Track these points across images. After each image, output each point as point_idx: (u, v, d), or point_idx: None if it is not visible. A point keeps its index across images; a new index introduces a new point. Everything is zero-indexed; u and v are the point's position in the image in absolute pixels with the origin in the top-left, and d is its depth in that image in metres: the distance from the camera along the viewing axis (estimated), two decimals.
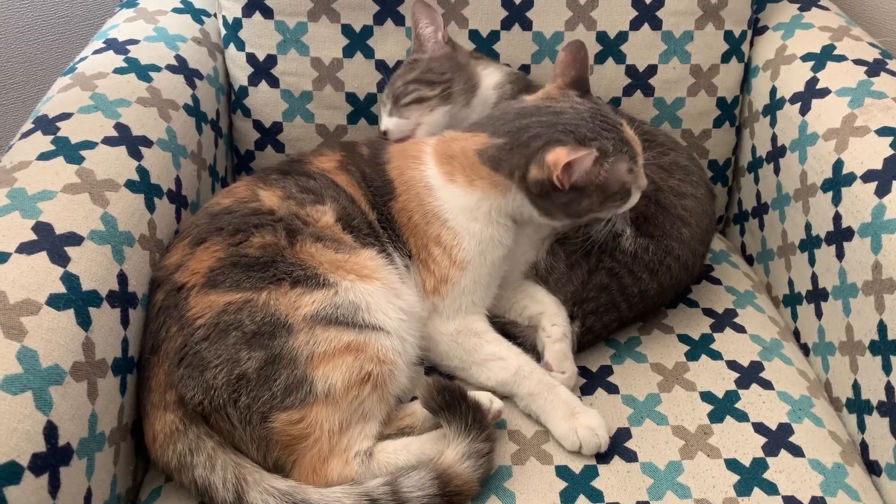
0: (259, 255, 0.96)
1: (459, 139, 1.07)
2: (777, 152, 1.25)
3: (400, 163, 1.09)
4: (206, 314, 0.92)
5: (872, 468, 1.00)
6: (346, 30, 1.30)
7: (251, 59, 1.32)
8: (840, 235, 1.07)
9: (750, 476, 0.95)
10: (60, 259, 0.86)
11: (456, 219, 1.04)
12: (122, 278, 0.93)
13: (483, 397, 0.97)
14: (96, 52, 1.19)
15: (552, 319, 1.07)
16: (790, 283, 1.21)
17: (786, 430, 1.00)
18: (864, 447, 1.02)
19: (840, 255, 1.07)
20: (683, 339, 1.14)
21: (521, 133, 1.01)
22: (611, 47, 1.32)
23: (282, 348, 0.90)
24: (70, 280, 0.85)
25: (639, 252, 1.09)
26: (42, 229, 0.88)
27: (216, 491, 0.88)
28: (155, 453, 0.92)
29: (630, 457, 0.97)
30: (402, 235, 1.06)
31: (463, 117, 1.21)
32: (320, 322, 0.92)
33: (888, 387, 0.96)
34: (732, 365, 1.09)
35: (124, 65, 1.16)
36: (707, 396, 1.05)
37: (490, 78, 1.24)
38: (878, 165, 1.03)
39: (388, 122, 1.22)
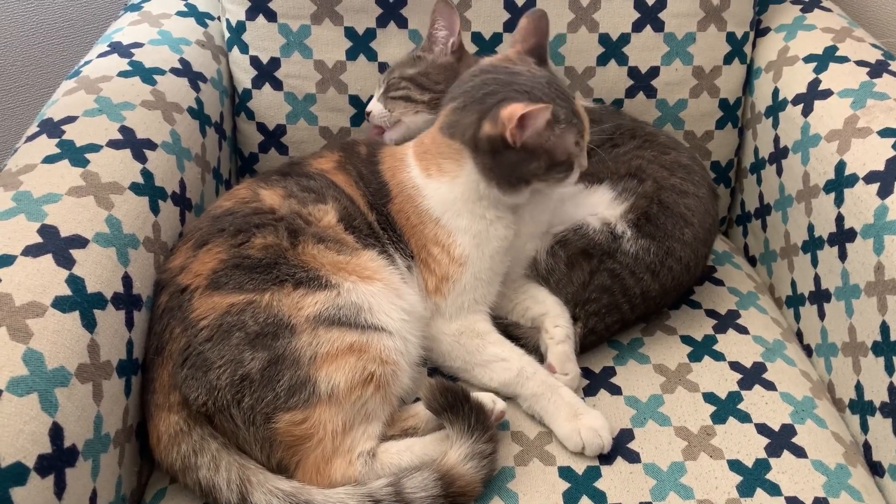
0: (261, 257, 0.96)
1: (430, 131, 1.08)
2: (779, 153, 1.25)
3: (391, 164, 1.10)
4: (209, 315, 0.92)
5: (875, 469, 1.00)
6: (350, 32, 1.31)
7: (255, 61, 1.33)
8: (842, 236, 1.07)
9: (753, 477, 0.95)
10: (66, 261, 0.87)
11: (444, 215, 1.04)
12: (127, 280, 0.94)
13: (486, 398, 0.98)
14: (101, 55, 1.20)
15: (555, 321, 1.08)
16: (793, 284, 1.21)
17: (789, 431, 1.00)
18: (867, 448, 1.02)
19: (843, 256, 1.07)
20: (686, 340, 1.14)
21: (475, 90, 1.01)
22: (613, 49, 1.32)
23: (285, 349, 0.90)
24: (75, 282, 0.86)
25: (640, 253, 1.09)
26: (47, 232, 0.88)
27: (220, 492, 0.88)
28: (159, 455, 0.93)
29: (633, 458, 0.97)
30: (402, 236, 1.07)
31: None
32: (323, 323, 0.92)
33: (891, 388, 0.96)
34: (735, 366, 1.10)
35: (129, 68, 1.17)
36: (710, 397, 1.05)
37: None
38: (881, 167, 1.03)
39: (374, 105, 1.24)
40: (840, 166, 1.09)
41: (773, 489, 0.94)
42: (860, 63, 1.20)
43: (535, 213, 1.08)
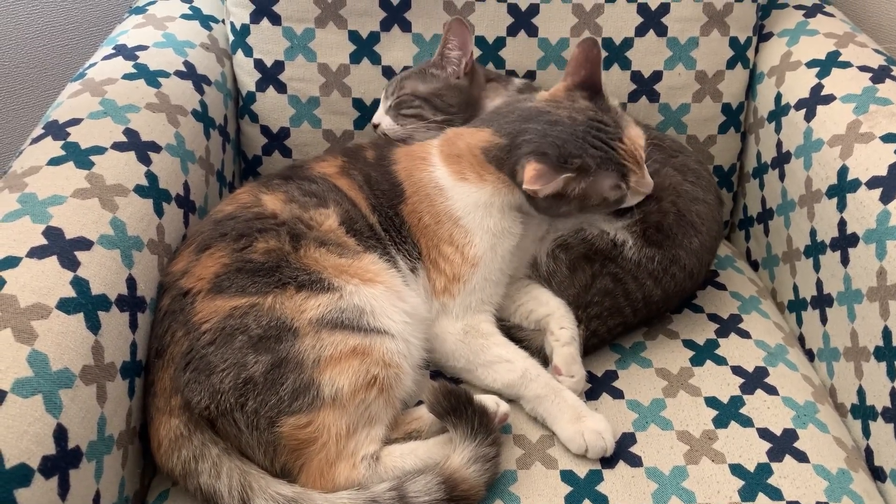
0: (264, 261, 0.96)
1: (464, 135, 1.09)
2: (782, 158, 1.25)
3: (408, 164, 1.10)
4: (212, 319, 0.92)
5: (877, 474, 1.00)
6: (353, 36, 1.31)
7: (259, 64, 1.33)
8: (845, 241, 1.07)
9: (754, 481, 0.95)
10: (70, 263, 0.87)
11: (469, 216, 1.06)
12: (131, 282, 0.94)
13: (489, 401, 0.98)
14: (106, 57, 1.21)
15: (560, 322, 1.08)
16: (795, 288, 1.22)
17: (790, 435, 1.01)
18: (868, 453, 1.02)
19: (845, 261, 1.07)
20: (688, 344, 1.15)
21: (517, 136, 1.04)
22: (616, 53, 1.33)
23: (288, 352, 0.90)
24: (80, 284, 0.86)
25: (643, 261, 1.09)
26: (52, 234, 0.89)
27: (222, 498, 0.88)
28: (160, 459, 0.93)
29: (635, 462, 0.98)
30: (409, 237, 1.07)
31: None
32: (326, 326, 0.92)
33: (893, 393, 0.96)
34: (737, 370, 1.10)
35: (133, 71, 1.17)
36: (712, 402, 1.05)
37: (494, 104, 1.22)
38: (883, 172, 1.03)
39: (383, 118, 1.24)
40: (842, 171, 1.09)
41: (775, 494, 0.94)
42: (863, 68, 1.20)
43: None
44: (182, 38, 1.30)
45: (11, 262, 0.84)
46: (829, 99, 1.18)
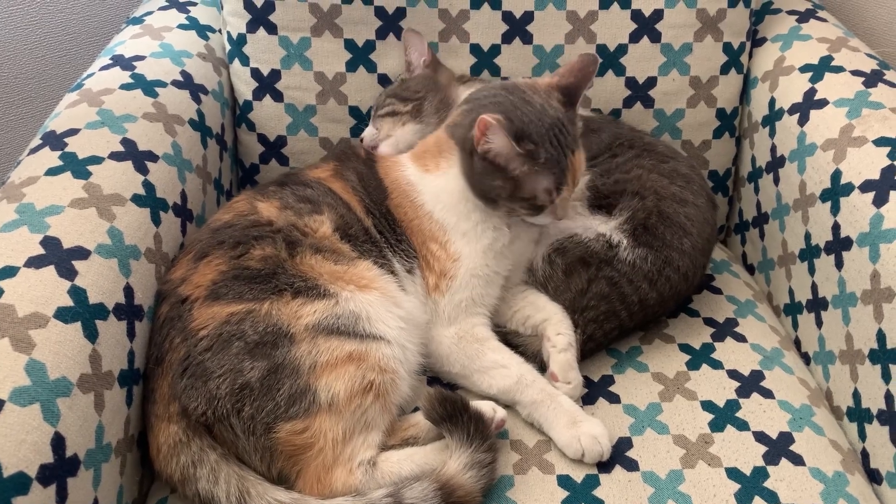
0: (260, 268, 0.97)
1: (438, 130, 1.13)
2: (776, 163, 1.26)
3: (385, 163, 1.14)
4: (209, 325, 0.93)
5: (873, 476, 1.00)
6: (349, 44, 1.32)
7: (256, 73, 1.34)
8: (839, 245, 1.07)
9: (751, 485, 0.95)
10: (68, 273, 0.88)
11: (438, 209, 1.08)
12: (129, 291, 0.94)
13: (486, 407, 0.98)
14: (103, 68, 1.21)
15: (557, 328, 1.08)
16: (790, 292, 1.22)
17: (786, 438, 1.01)
18: (864, 456, 1.02)
19: (839, 264, 1.07)
20: (684, 348, 1.15)
21: (485, 100, 1.06)
22: (611, 60, 1.33)
23: (284, 358, 0.91)
24: (77, 293, 0.87)
25: (637, 262, 1.10)
26: (50, 243, 0.89)
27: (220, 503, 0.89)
28: (159, 466, 0.93)
29: (631, 466, 0.98)
30: (402, 234, 1.08)
31: None
32: (322, 332, 0.93)
33: (888, 395, 0.97)
34: (733, 374, 1.10)
35: (130, 81, 1.18)
36: (708, 405, 1.05)
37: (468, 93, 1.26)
38: (876, 175, 1.04)
39: (366, 130, 1.29)
40: (836, 175, 1.10)
41: (771, 497, 0.94)
42: (855, 73, 1.20)
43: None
44: (179, 47, 1.30)
45: (9, 271, 0.85)
46: (823, 103, 1.18)
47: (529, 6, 1.30)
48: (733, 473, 0.97)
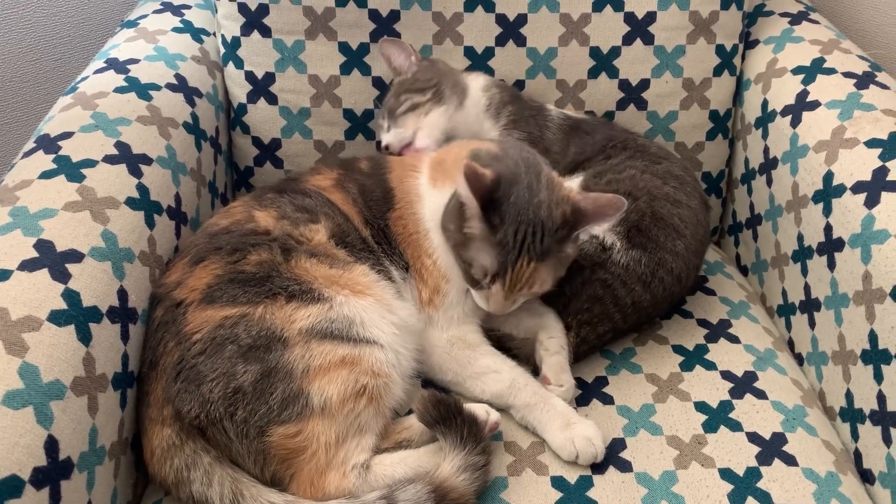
0: (255, 271, 0.97)
1: (465, 145, 1.10)
2: (769, 164, 1.26)
3: (400, 172, 1.12)
4: (202, 329, 0.93)
5: (866, 477, 1.01)
6: (343, 47, 1.32)
7: (250, 76, 1.34)
8: (831, 246, 1.08)
9: (744, 485, 0.96)
10: (61, 276, 0.88)
11: (431, 226, 1.07)
12: (123, 294, 0.95)
13: (480, 410, 0.98)
14: (97, 71, 1.21)
15: (549, 332, 1.08)
16: (784, 293, 1.22)
17: (779, 439, 1.01)
18: (857, 456, 1.03)
19: (832, 265, 1.08)
20: (678, 349, 1.15)
21: (508, 156, 1.03)
22: (604, 62, 1.34)
23: (277, 362, 0.91)
24: (71, 296, 0.87)
25: (631, 264, 1.10)
26: (43, 247, 0.89)
27: None
28: (153, 469, 0.93)
29: (625, 467, 0.98)
30: (398, 247, 1.08)
31: (461, 121, 1.24)
32: (315, 336, 0.93)
33: (880, 395, 0.97)
34: (726, 375, 1.10)
35: (125, 84, 1.18)
36: (701, 406, 1.06)
37: (477, 81, 1.29)
38: (867, 177, 1.04)
39: (387, 137, 1.26)
40: (828, 177, 1.10)
41: (764, 497, 0.94)
42: (847, 74, 1.21)
43: None
44: (173, 50, 1.31)
45: (3, 275, 0.85)
46: (815, 105, 1.19)
47: (523, 9, 1.31)
48: (726, 474, 0.97)
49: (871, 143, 1.07)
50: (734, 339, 1.17)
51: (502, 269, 0.98)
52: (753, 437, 1.01)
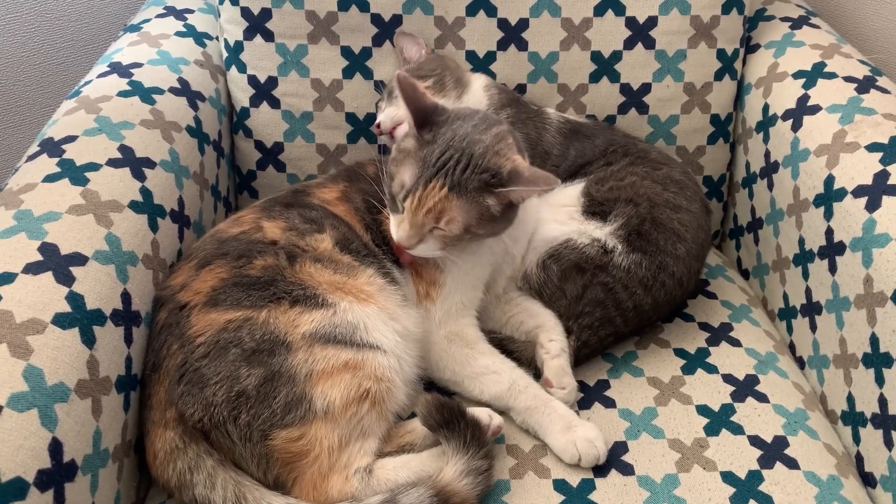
0: (260, 275, 0.97)
1: None
2: (770, 168, 1.27)
3: None
4: (206, 332, 0.93)
5: (867, 480, 1.01)
6: (346, 51, 1.33)
7: (252, 80, 1.34)
8: (832, 250, 1.08)
9: (746, 489, 0.96)
10: (66, 279, 0.88)
11: None
12: (126, 297, 0.95)
13: (482, 414, 0.98)
14: (101, 75, 1.22)
15: (550, 335, 1.09)
16: (785, 296, 1.23)
17: (781, 442, 1.01)
18: (859, 459, 1.03)
19: (833, 269, 1.08)
20: (679, 353, 1.15)
21: (482, 113, 1.06)
22: (605, 66, 1.34)
23: (281, 366, 0.91)
24: (75, 299, 0.87)
25: (632, 268, 1.10)
26: (48, 250, 0.90)
27: None
28: (155, 471, 0.93)
29: (627, 470, 0.98)
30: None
31: None
32: (319, 340, 0.93)
33: (881, 399, 0.97)
34: (728, 378, 1.11)
35: (128, 88, 1.18)
36: (703, 410, 1.06)
37: (479, 80, 1.29)
38: (868, 181, 1.05)
39: (380, 115, 1.26)
40: (829, 181, 1.10)
41: (766, 501, 0.94)
42: (848, 79, 1.21)
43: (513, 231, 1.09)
44: (176, 55, 1.31)
45: (7, 278, 0.85)
46: (815, 109, 1.19)
47: (524, 13, 1.31)
48: (728, 477, 0.97)
49: (872, 148, 1.08)
50: (735, 343, 1.17)
51: (415, 187, 0.98)
52: (755, 441, 1.01)
